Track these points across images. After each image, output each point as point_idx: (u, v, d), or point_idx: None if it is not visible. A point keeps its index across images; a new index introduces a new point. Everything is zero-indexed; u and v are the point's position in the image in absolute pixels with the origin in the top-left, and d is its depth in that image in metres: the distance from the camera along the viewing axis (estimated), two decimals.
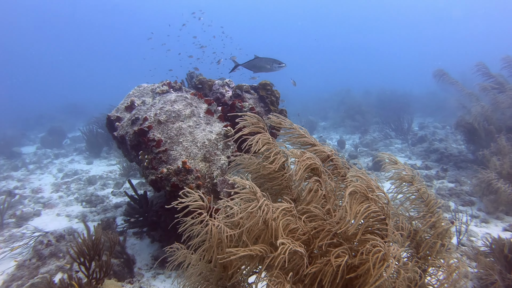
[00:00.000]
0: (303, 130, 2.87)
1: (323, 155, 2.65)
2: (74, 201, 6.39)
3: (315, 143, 2.77)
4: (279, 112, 4.65)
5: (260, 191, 1.92)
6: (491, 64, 8.75)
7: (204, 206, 2.03)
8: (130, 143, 3.94)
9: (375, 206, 1.90)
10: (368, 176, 2.09)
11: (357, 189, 1.93)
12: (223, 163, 3.73)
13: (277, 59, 4.93)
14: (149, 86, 4.71)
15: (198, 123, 3.96)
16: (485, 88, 7.20)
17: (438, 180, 6.82)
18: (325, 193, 2.26)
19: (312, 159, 2.27)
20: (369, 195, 1.91)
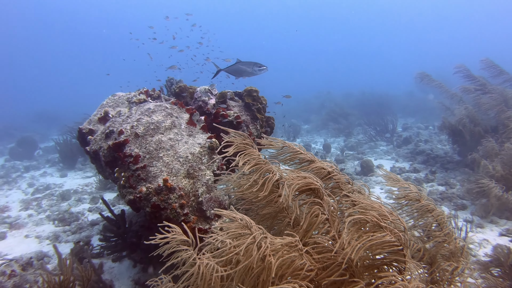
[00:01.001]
0: (298, 146, 2.60)
1: (323, 172, 2.38)
2: (45, 219, 5.89)
3: (313, 159, 2.50)
4: (266, 120, 4.37)
5: (255, 225, 1.62)
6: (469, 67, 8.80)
7: (189, 242, 1.70)
8: (105, 159, 3.55)
9: (390, 236, 1.64)
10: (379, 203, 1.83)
11: (368, 218, 1.66)
12: (208, 179, 3.40)
13: (258, 61, 4.66)
14: (124, 95, 4.33)
15: (179, 135, 3.62)
16: (468, 90, 7.18)
17: (427, 183, 6.71)
18: (328, 216, 1.98)
19: (308, 178, 1.99)
20: (382, 224, 1.65)
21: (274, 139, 2.53)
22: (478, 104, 7.21)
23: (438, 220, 2.16)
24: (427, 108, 15.24)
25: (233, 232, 1.56)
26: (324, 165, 2.38)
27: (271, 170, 2.29)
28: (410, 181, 6.71)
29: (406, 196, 2.26)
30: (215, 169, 3.53)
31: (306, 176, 1.94)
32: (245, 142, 2.42)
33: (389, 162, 8.53)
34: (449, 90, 7.87)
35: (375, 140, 10.95)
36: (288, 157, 2.54)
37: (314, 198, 1.95)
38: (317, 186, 1.90)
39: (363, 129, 12.96)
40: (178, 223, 3.19)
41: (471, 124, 6.77)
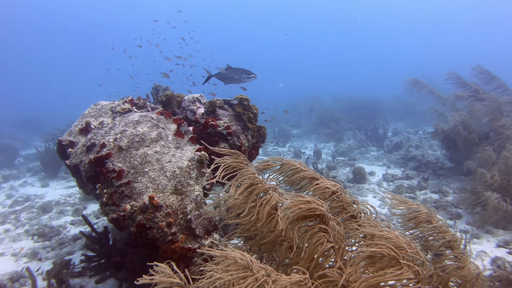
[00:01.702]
0: (298, 163, 2.42)
1: (327, 192, 2.21)
2: (23, 234, 5.56)
3: (315, 177, 2.32)
4: (257, 130, 4.18)
5: (256, 262, 1.42)
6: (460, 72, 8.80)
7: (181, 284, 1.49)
8: (86, 174, 3.31)
9: (408, 271, 1.46)
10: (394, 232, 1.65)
11: (384, 251, 1.48)
12: (197, 195, 3.19)
13: (247, 68, 4.48)
14: (108, 104, 4.09)
15: (166, 148, 3.40)
16: (461, 97, 7.14)
17: (421, 191, 6.62)
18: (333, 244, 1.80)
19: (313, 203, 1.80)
20: (400, 259, 1.47)
21: (272, 159, 2.34)
22: (471, 111, 7.16)
23: (451, 244, 2.00)
24: (415, 113, 15.32)
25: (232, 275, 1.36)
26: (328, 184, 2.20)
27: (268, 192, 2.10)
28: (403, 189, 6.63)
29: (416, 218, 2.10)
30: (204, 184, 3.33)
31: (310, 201, 1.75)
32: (238, 161, 2.23)
33: (381, 169, 8.44)
34: (442, 96, 7.83)
35: (366, 145, 10.88)
36: (289, 174, 2.35)
37: (319, 224, 1.76)
38: (323, 212, 1.71)
39: (353, 134, 12.91)
40: (165, 243, 2.97)
41: (465, 131, 6.72)
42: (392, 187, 6.92)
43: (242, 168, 2.30)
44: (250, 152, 4.16)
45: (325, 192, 2.15)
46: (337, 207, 2.16)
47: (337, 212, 2.17)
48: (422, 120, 14.79)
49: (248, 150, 4.06)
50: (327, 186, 2.18)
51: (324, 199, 2.16)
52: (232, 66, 4.56)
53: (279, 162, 2.36)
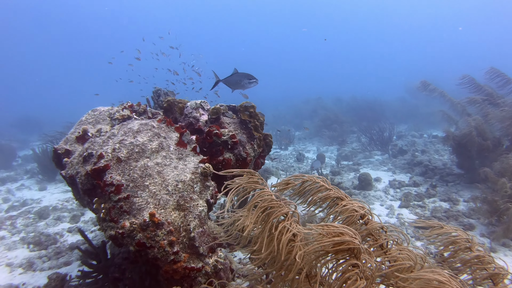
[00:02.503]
0: (322, 179, 2.22)
1: (354, 215, 2.01)
2: (19, 242, 5.36)
3: (340, 196, 2.12)
4: (263, 138, 3.98)
5: None
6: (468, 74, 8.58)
7: None
8: (82, 186, 3.11)
9: None
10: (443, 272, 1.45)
11: None
12: (201, 210, 2.99)
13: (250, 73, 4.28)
14: (106, 110, 3.88)
15: (168, 159, 3.20)
16: (475, 101, 6.90)
17: (429, 199, 6.42)
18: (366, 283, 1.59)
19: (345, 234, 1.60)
20: None
21: (293, 176, 2.14)
22: (486, 115, 6.91)
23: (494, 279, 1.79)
24: (419, 115, 15.11)
25: None
26: (355, 206, 2.00)
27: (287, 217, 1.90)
28: (411, 197, 6.42)
29: (454, 243, 1.90)
30: (208, 198, 3.13)
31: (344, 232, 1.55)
32: (253, 181, 2.03)
33: (386, 174, 8.24)
34: (452, 99, 7.60)
35: (371, 149, 10.67)
36: (312, 193, 2.16)
37: (351, 259, 1.56)
38: (357, 246, 1.51)
39: (357, 137, 12.70)
40: (166, 263, 2.77)
41: (479, 137, 6.48)
42: (399, 195, 6.71)
43: (256, 188, 2.10)
44: (256, 162, 3.96)
45: (352, 216, 1.95)
46: (364, 234, 1.96)
47: (363, 239, 1.97)
48: (426, 123, 14.57)
49: (254, 160, 3.85)
50: (355, 209, 1.98)
51: (350, 223, 1.96)
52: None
53: (300, 179, 2.17)
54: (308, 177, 2.26)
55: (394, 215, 5.83)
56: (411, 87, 17.90)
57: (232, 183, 2.02)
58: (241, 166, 3.64)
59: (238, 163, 3.63)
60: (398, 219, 5.67)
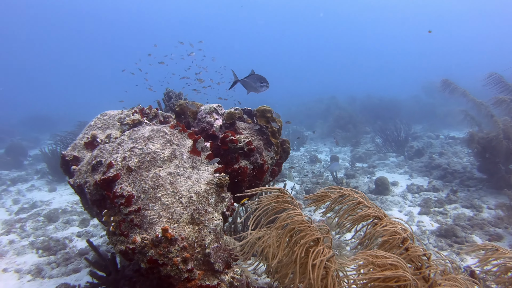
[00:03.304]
0: (359, 195, 2.01)
1: (396, 239, 1.79)
2: (28, 247, 5.25)
3: (379, 215, 1.90)
4: (281, 143, 3.76)
5: None
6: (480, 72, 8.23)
7: None
8: (91, 197, 2.94)
9: None
10: None
11: None
12: (217, 224, 2.79)
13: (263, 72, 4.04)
14: (116, 114, 3.71)
15: (181, 169, 3.00)
16: (503, 101, 6.53)
17: (450, 205, 6.13)
18: None
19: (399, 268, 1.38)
20: None
21: (330, 188, 1.93)
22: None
23: None
24: (435, 115, 14.69)
25: None
26: (397, 228, 1.78)
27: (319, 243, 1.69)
28: (431, 203, 6.14)
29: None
30: (224, 210, 2.93)
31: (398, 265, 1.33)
32: (283, 200, 1.82)
33: (403, 178, 7.95)
34: (475, 99, 7.25)
35: (386, 151, 10.36)
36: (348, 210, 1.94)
37: None
38: (408, 281, 1.30)
39: (371, 137, 12.38)
40: (180, 281, 2.59)
41: (507, 141, 6.13)
42: (418, 200, 6.44)
43: (286, 208, 1.89)
44: (272, 170, 3.75)
45: (394, 239, 1.73)
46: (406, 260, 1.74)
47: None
48: (442, 123, 14.17)
49: (271, 168, 3.64)
50: (396, 231, 1.76)
51: (391, 247, 1.74)
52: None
53: (337, 192, 1.95)
54: (346, 190, 2.04)
55: (414, 222, 5.57)
56: (427, 85, 17.45)
57: (259, 202, 1.82)
58: (257, 174, 3.44)
59: (255, 171, 3.42)
60: (418, 227, 5.41)
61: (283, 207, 1.93)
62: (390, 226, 1.94)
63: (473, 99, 7.28)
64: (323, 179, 7.95)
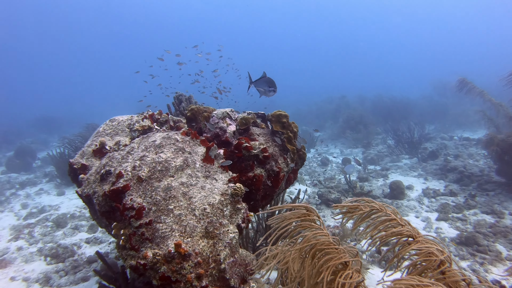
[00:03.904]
0: (392, 210, 1.84)
1: (433, 261, 1.61)
2: (36, 254, 5.16)
3: (412, 233, 1.73)
4: (296, 149, 3.59)
5: None
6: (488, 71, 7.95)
7: None
8: (100, 208, 2.80)
9: None
10: None
11: None
12: (232, 237, 2.63)
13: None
14: (125, 120, 3.57)
15: (194, 178, 2.85)
16: None
17: (469, 210, 5.90)
18: None
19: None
20: None
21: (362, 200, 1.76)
22: None
23: None
24: (447, 115, 14.37)
25: None
26: (432, 248, 1.61)
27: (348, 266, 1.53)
28: (449, 208, 5.91)
29: None
30: (240, 222, 2.77)
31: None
32: (309, 219, 1.66)
33: (417, 181, 7.72)
34: (493, 100, 7.00)
35: (399, 153, 10.11)
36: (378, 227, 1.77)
37: None
38: None
39: (382, 139, 12.14)
40: None
41: None
42: (435, 205, 6.22)
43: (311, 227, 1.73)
44: (288, 177, 3.58)
45: (430, 261, 1.55)
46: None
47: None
48: (455, 124, 13.86)
49: (287, 175, 3.48)
50: (433, 252, 1.59)
51: (426, 270, 1.57)
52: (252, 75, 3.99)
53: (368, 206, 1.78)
54: (378, 205, 1.87)
55: (432, 229, 5.36)
56: (439, 84, 17.10)
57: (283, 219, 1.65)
58: (273, 183, 3.27)
59: (270, 180, 3.26)
60: (437, 234, 5.20)
61: (309, 226, 1.76)
62: (425, 246, 1.76)
63: (490, 100, 7.03)
64: (335, 182, 7.76)
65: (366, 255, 4.79)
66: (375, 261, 4.57)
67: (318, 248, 1.73)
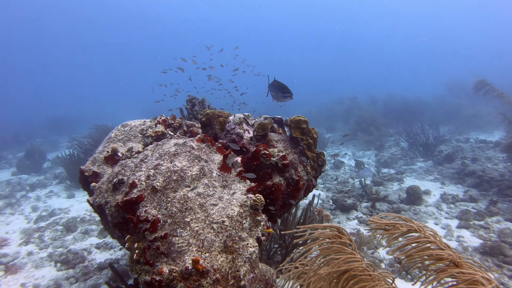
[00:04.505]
0: (431, 230, 1.67)
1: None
2: (46, 259, 5.07)
3: (454, 259, 1.56)
4: (316, 156, 3.43)
5: None
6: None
7: None
8: (112, 219, 2.67)
9: None
10: None
11: None
12: (252, 252, 2.48)
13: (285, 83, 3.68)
14: (137, 125, 3.44)
15: (211, 188, 2.71)
16: None
17: (491, 218, 5.67)
18: None
19: None
20: None
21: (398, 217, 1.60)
22: None
23: None
24: (461, 116, 14.03)
25: None
26: (477, 276, 1.44)
27: None
28: (470, 215, 5.69)
29: None
30: (259, 235, 2.61)
31: None
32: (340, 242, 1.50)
33: (434, 185, 7.49)
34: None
35: (414, 156, 9.85)
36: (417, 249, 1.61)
37: None
38: None
39: (395, 141, 11.88)
40: None
41: None
42: (454, 211, 5.99)
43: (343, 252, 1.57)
44: (307, 185, 3.42)
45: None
46: None
47: None
48: (469, 125, 13.52)
49: (306, 184, 3.31)
50: (478, 280, 1.42)
51: None
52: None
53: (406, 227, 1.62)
54: (416, 225, 1.70)
55: (453, 237, 5.15)
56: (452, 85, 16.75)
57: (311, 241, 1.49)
58: (292, 192, 3.11)
59: (289, 189, 3.10)
60: (459, 243, 4.98)
61: (340, 250, 1.60)
62: (468, 272, 1.59)
63: (510, 102, 6.78)
64: (349, 186, 7.56)
65: (385, 264, 4.61)
66: (395, 271, 4.39)
67: (350, 274, 1.57)
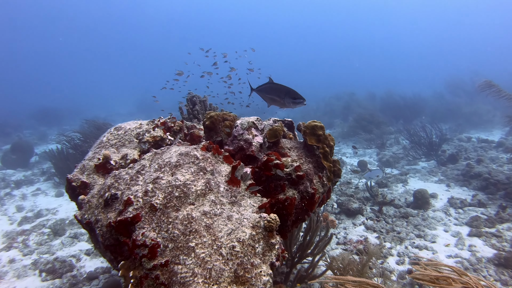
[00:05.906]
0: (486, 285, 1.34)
1: None
2: (30, 268, 4.68)
3: None
4: (331, 164, 3.09)
5: None
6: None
7: None
8: (104, 241, 2.31)
9: None
10: None
11: None
12: (266, 281, 2.14)
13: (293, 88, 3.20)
14: (133, 129, 3.06)
15: (219, 206, 2.35)
16: None
17: (501, 224, 5.43)
18: None
19: None
20: None
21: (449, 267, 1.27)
22: None
23: None
24: (461, 115, 13.83)
25: None
26: None
27: None
28: (480, 221, 5.43)
29: None
30: (274, 261, 2.28)
31: None
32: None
33: (439, 188, 7.24)
34: None
35: (417, 157, 9.59)
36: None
37: None
38: None
39: (395, 139, 11.63)
40: None
41: None
42: (463, 217, 5.74)
43: None
44: (322, 197, 3.09)
45: None
46: None
47: None
48: (469, 124, 13.34)
49: (321, 197, 2.98)
50: None
51: None
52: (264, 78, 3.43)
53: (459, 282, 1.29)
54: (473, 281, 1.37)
55: (465, 246, 4.89)
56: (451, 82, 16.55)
57: None
58: (306, 206, 2.78)
59: (303, 203, 2.76)
60: (471, 252, 4.72)
61: None
62: None
63: None
64: (352, 187, 7.28)
65: (395, 275, 4.34)
66: (406, 285, 4.12)
67: None
